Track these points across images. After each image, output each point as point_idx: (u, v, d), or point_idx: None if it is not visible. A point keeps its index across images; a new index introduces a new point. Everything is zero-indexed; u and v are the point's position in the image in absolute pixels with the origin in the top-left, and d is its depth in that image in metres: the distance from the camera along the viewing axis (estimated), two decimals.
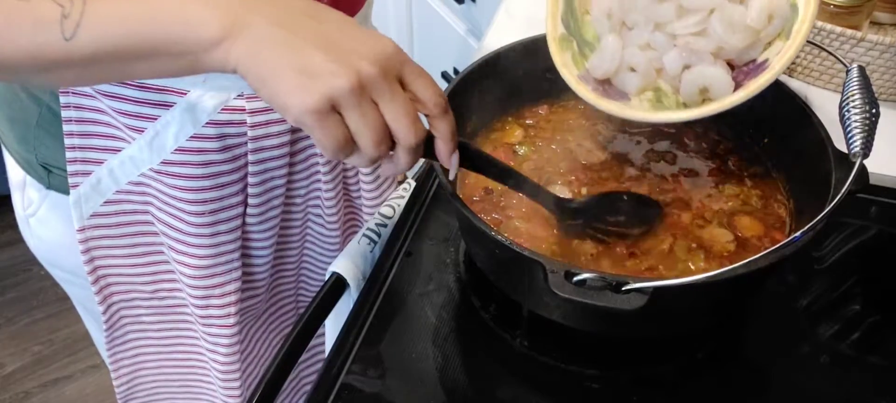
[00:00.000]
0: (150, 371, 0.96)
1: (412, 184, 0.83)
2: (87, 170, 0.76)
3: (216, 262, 0.81)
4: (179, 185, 0.76)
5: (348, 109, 0.50)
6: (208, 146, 0.74)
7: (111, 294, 0.86)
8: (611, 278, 0.52)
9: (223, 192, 0.77)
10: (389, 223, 0.79)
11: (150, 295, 0.87)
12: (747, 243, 0.67)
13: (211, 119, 0.73)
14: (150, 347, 0.93)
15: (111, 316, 0.87)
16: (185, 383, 0.98)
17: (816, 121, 0.67)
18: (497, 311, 0.70)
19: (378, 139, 0.52)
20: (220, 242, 0.80)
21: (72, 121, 0.73)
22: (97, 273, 0.83)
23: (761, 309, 0.71)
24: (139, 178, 0.77)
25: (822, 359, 0.68)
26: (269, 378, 0.64)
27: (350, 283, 0.73)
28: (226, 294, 0.84)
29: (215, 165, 0.75)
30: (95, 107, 0.73)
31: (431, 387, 0.65)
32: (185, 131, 0.73)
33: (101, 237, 0.80)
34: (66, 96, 0.72)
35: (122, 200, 0.78)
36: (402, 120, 0.52)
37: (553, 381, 0.65)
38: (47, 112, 0.76)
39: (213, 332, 0.86)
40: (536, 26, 0.74)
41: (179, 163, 0.74)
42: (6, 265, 2.12)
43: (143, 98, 0.71)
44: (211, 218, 0.78)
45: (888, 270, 0.77)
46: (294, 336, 0.67)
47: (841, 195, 0.56)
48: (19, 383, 1.88)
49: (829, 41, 0.94)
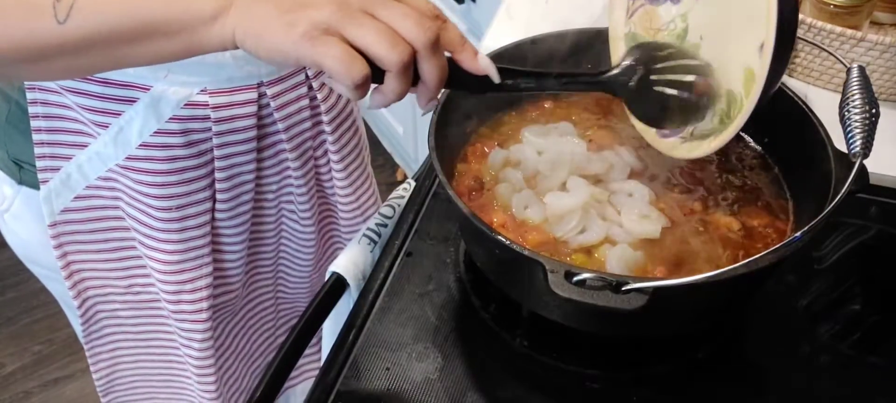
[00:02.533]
0: (128, 366, 0.96)
1: (412, 184, 0.83)
2: (55, 166, 0.76)
3: (185, 257, 0.81)
4: (145, 181, 0.76)
5: (342, 25, 0.50)
6: (173, 141, 0.74)
7: (86, 288, 0.86)
8: (611, 278, 0.52)
9: (190, 187, 0.77)
10: (389, 223, 0.79)
11: (125, 290, 0.87)
12: (754, 231, 0.67)
13: (174, 114, 0.73)
14: (127, 341, 0.93)
15: (86, 311, 0.88)
16: (164, 377, 0.98)
17: (816, 121, 0.67)
18: (497, 311, 0.70)
19: (390, 41, 0.50)
20: (188, 237, 0.80)
21: (39, 116, 0.73)
22: (70, 267, 0.83)
23: (761, 309, 0.71)
24: (107, 174, 0.77)
25: (822, 359, 0.68)
26: (269, 379, 0.64)
27: (350, 283, 0.73)
28: (197, 289, 0.84)
29: (180, 160, 0.75)
30: (62, 102, 0.73)
31: (431, 387, 0.65)
32: (148, 126, 0.73)
33: (72, 232, 0.81)
34: (33, 92, 0.72)
35: (92, 195, 0.79)
36: (407, 18, 0.50)
37: (553, 381, 0.65)
38: (16, 108, 0.76)
39: (187, 327, 0.86)
40: (536, 26, 0.74)
41: (144, 158, 0.74)
42: (6, 265, 2.12)
43: (106, 93, 0.72)
44: (178, 213, 0.78)
45: (888, 270, 0.77)
46: (294, 337, 0.67)
47: (841, 195, 0.56)
48: (20, 383, 1.88)
49: (829, 41, 0.94)
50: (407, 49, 0.50)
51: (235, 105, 0.75)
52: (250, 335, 0.98)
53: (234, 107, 0.75)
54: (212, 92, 0.73)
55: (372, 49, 0.50)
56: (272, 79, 0.76)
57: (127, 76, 0.71)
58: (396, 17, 0.50)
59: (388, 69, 0.51)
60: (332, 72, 0.50)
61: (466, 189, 0.70)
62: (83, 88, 0.71)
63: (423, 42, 0.50)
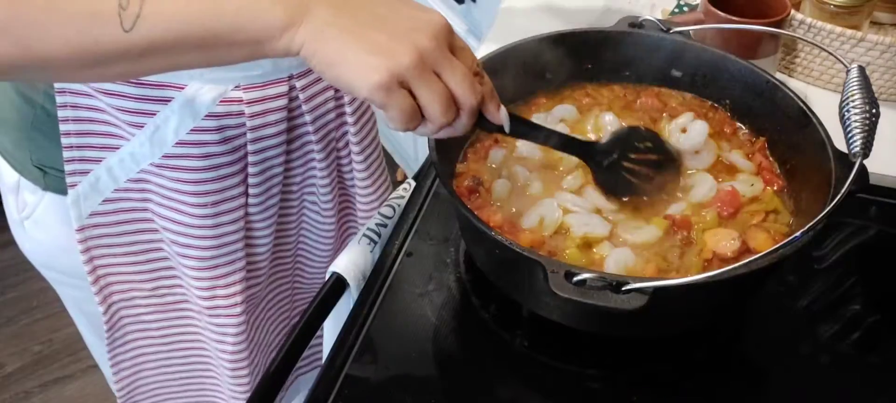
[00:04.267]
0: (150, 372, 0.95)
1: (412, 184, 0.83)
2: (85, 170, 0.76)
3: (219, 253, 0.82)
4: (181, 178, 0.76)
5: (415, 82, 0.53)
6: (208, 138, 0.74)
7: (111, 293, 0.85)
8: (611, 278, 0.52)
9: (224, 184, 0.78)
10: (389, 223, 0.79)
11: (150, 292, 0.87)
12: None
13: (210, 111, 0.73)
14: (151, 346, 0.93)
15: (111, 317, 0.87)
16: (186, 382, 0.98)
17: (816, 121, 0.67)
18: (497, 311, 0.70)
19: (445, 106, 0.54)
20: (223, 233, 0.80)
21: (68, 120, 0.73)
22: (97, 272, 0.83)
23: (761, 309, 0.71)
24: (139, 175, 0.77)
25: (822, 359, 0.68)
26: (269, 379, 0.64)
27: (350, 283, 0.73)
28: (231, 283, 0.84)
29: (215, 157, 0.76)
30: (92, 105, 0.73)
31: (431, 387, 0.65)
32: (185, 124, 0.73)
33: (100, 236, 0.80)
34: (63, 96, 0.72)
35: (120, 198, 0.79)
36: (463, 85, 0.55)
37: (553, 381, 0.65)
38: (42, 113, 0.76)
39: (220, 322, 0.86)
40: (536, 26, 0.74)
41: (180, 156, 0.75)
42: (6, 265, 2.12)
43: (142, 94, 0.72)
44: (213, 209, 0.78)
45: (888, 270, 0.77)
46: (294, 337, 0.67)
47: (841, 195, 0.56)
48: (20, 383, 1.88)
49: (829, 41, 0.95)
50: (454, 115, 0.56)
51: (268, 99, 0.76)
52: (269, 326, 0.98)
53: (266, 101, 0.76)
54: (245, 87, 0.74)
55: (429, 109, 0.54)
56: (302, 71, 0.77)
57: (163, 77, 0.71)
58: (457, 81, 0.55)
59: (432, 124, 0.55)
60: (393, 120, 0.54)
61: (466, 189, 0.70)
62: (117, 90, 0.71)
63: (470, 107, 0.56)
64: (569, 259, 0.64)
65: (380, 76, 0.52)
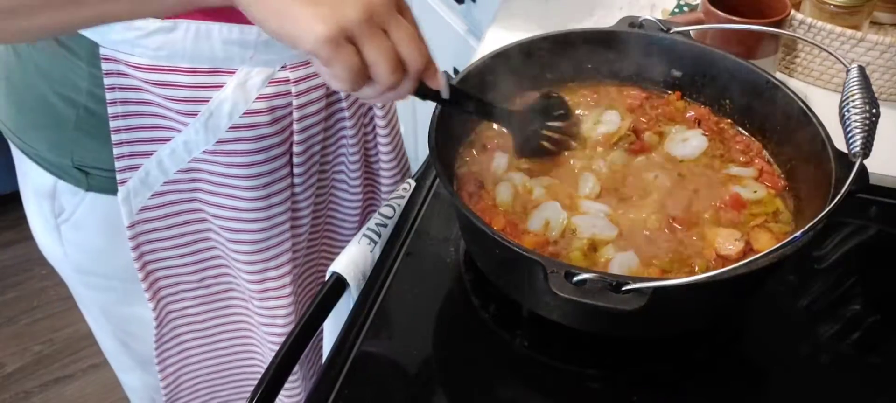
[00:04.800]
0: (194, 366, 0.96)
1: (412, 184, 0.83)
2: (134, 165, 0.76)
3: (270, 235, 0.82)
4: (234, 162, 0.77)
5: (363, 38, 0.52)
6: (260, 120, 0.75)
7: (159, 289, 0.86)
8: (611, 278, 0.52)
9: (275, 164, 0.79)
10: (389, 223, 0.79)
11: (197, 284, 0.88)
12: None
13: (260, 93, 0.74)
14: (195, 340, 0.93)
15: (160, 312, 0.87)
16: (227, 373, 0.98)
17: (816, 121, 0.67)
18: (497, 311, 0.70)
19: (393, 66, 0.53)
20: (273, 214, 0.81)
21: (118, 116, 0.73)
22: (147, 268, 0.83)
23: (761, 309, 0.71)
24: (189, 165, 0.77)
25: (822, 359, 0.68)
26: (270, 379, 0.64)
27: (350, 283, 0.73)
28: (281, 265, 0.85)
29: (266, 139, 0.77)
30: (142, 99, 0.73)
31: (432, 387, 0.65)
32: (238, 108, 0.74)
33: (149, 231, 0.81)
34: (113, 92, 0.72)
35: (169, 191, 0.79)
36: (411, 45, 0.54)
37: (553, 381, 0.65)
38: (85, 113, 0.75)
39: (270, 306, 0.87)
40: (536, 26, 0.74)
41: (233, 140, 0.75)
42: (6, 265, 2.12)
43: (194, 82, 0.72)
44: (265, 191, 0.79)
45: (888, 270, 0.77)
46: (294, 337, 0.67)
47: (841, 195, 0.56)
48: (20, 383, 1.88)
49: (829, 41, 0.95)
50: (402, 76, 0.55)
51: (312, 76, 0.76)
52: (301, 309, 0.98)
53: (310, 79, 0.76)
54: (292, 66, 0.75)
55: (376, 68, 0.53)
56: None
57: (215, 61, 0.71)
58: (404, 40, 0.54)
59: (378, 85, 0.54)
60: (339, 78, 0.53)
61: (467, 189, 0.70)
62: (170, 80, 0.71)
63: (417, 69, 0.55)
64: (573, 262, 0.64)
65: (327, 28, 0.50)
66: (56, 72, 0.74)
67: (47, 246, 0.89)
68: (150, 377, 1.00)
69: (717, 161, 0.74)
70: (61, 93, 0.75)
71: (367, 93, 0.55)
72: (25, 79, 0.76)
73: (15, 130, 0.81)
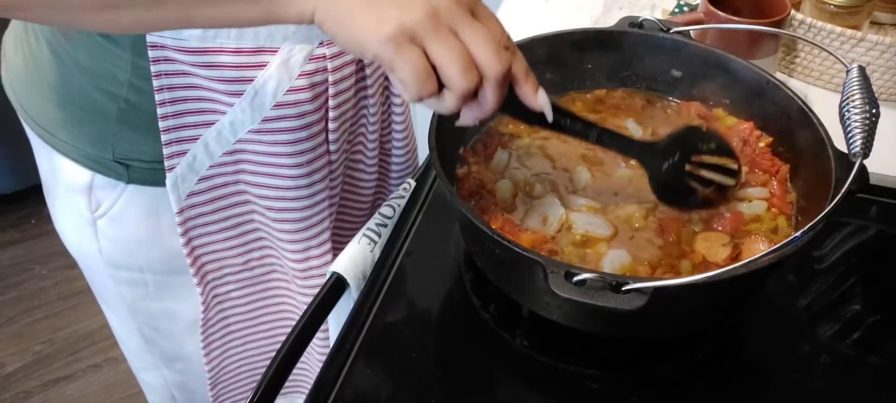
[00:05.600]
0: (237, 350, 0.97)
1: (412, 184, 0.83)
2: (182, 151, 0.77)
3: (313, 213, 0.83)
4: (278, 140, 0.77)
5: (428, 37, 0.50)
6: (302, 97, 0.75)
7: (206, 273, 0.87)
8: (611, 278, 0.52)
9: (315, 141, 0.79)
10: (389, 223, 0.79)
11: (241, 267, 0.88)
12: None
13: (302, 70, 0.74)
14: (238, 323, 0.94)
15: (206, 297, 0.88)
16: (268, 355, 0.99)
17: (816, 121, 0.67)
18: (497, 311, 0.70)
19: (464, 66, 0.51)
20: (315, 192, 0.82)
21: (166, 103, 0.74)
22: (194, 254, 0.84)
23: (761, 309, 0.71)
24: (234, 147, 0.78)
25: (822, 359, 0.68)
26: (270, 378, 0.64)
27: (350, 283, 0.73)
28: (322, 243, 0.86)
29: (308, 115, 0.77)
30: (188, 84, 0.74)
31: (432, 387, 0.65)
32: (282, 85, 0.74)
33: (196, 216, 0.81)
34: (159, 79, 0.72)
35: (215, 174, 0.80)
36: (487, 46, 0.51)
37: (553, 381, 0.65)
38: (126, 105, 0.76)
39: (313, 285, 0.87)
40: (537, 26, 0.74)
41: (277, 118, 0.76)
42: (6, 265, 2.12)
43: (239, 62, 0.73)
44: (307, 169, 0.80)
45: (888, 270, 0.77)
46: (294, 337, 0.67)
47: (841, 195, 0.56)
48: (20, 383, 1.88)
49: (829, 41, 0.95)
50: (476, 78, 0.51)
51: (345, 53, 0.77)
52: None
53: (344, 55, 0.77)
54: (328, 43, 0.75)
55: (445, 69, 0.51)
56: None
57: (259, 40, 0.72)
58: (478, 41, 0.51)
59: (452, 91, 0.52)
60: (405, 82, 0.51)
61: (467, 189, 0.70)
62: (216, 61, 0.72)
63: (495, 74, 0.52)
64: (566, 256, 0.64)
65: (389, 27, 0.49)
66: (98, 67, 0.75)
67: (79, 243, 0.89)
68: (172, 374, 1.02)
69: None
70: (102, 88, 0.76)
71: (443, 105, 0.53)
72: (66, 77, 0.77)
73: (52, 129, 0.81)
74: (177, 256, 0.84)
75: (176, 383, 1.03)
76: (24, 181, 2.19)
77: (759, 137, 0.74)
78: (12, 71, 0.84)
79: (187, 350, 0.98)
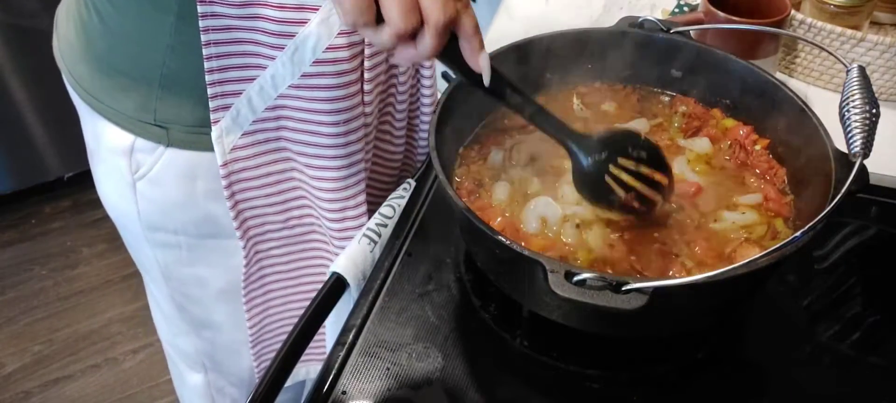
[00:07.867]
0: (276, 309, 0.98)
1: (412, 184, 0.83)
2: (226, 104, 0.78)
3: (349, 173, 0.84)
4: (317, 97, 0.78)
5: None
6: (340, 55, 0.76)
7: (248, 228, 0.88)
8: (611, 278, 0.52)
9: (353, 101, 0.80)
10: (389, 223, 0.79)
11: (282, 224, 0.89)
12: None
13: (341, 29, 0.75)
14: (278, 282, 0.95)
15: (249, 252, 0.89)
16: None
17: (816, 121, 0.67)
18: (497, 311, 0.70)
19: (406, 8, 0.50)
20: (351, 151, 0.82)
21: (212, 58, 0.75)
22: (238, 208, 0.85)
23: (761, 309, 0.71)
24: (275, 102, 0.79)
25: (822, 359, 0.68)
26: (270, 378, 0.64)
27: (350, 283, 0.73)
28: (359, 204, 0.86)
29: (346, 74, 0.78)
30: (233, 38, 0.75)
31: (431, 387, 0.65)
32: (321, 42, 0.75)
33: (240, 170, 0.83)
34: (207, 34, 0.74)
35: (257, 130, 0.81)
36: None
37: (553, 381, 0.65)
38: (167, 70, 0.78)
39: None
40: (536, 26, 0.74)
41: (316, 74, 0.77)
42: (6, 265, 2.12)
43: (282, 17, 0.74)
44: (345, 127, 0.80)
45: (888, 270, 0.77)
46: (294, 337, 0.67)
47: (841, 195, 0.56)
48: (20, 383, 1.88)
49: (829, 41, 0.95)
50: (415, 21, 0.51)
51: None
52: None
53: None
54: None
55: (386, 7, 0.51)
56: None
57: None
58: None
59: (389, 27, 0.52)
60: (345, 12, 0.51)
61: (466, 189, 0.70)
62: (261, 13, 0.73)
63: (434, 22, 0.52)
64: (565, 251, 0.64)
65: None
66: (141, 33, 0.77)
67: (119, 205, 0.91)
68: (202, 342, 1.04)
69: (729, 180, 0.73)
70: (146, 54, 0.78)
71: (377, 38, 0.53)
72: (110, 43, 0.80)
73: (98, 95, 0.84)
74: (210, 220, 0.87)
75: (204, 351, 1.05)
76: (24, 181, 2.19)
77: (756, 141, 0.74)
78: (64, 40, 0.87)
79: (216, 319, 1.00)
